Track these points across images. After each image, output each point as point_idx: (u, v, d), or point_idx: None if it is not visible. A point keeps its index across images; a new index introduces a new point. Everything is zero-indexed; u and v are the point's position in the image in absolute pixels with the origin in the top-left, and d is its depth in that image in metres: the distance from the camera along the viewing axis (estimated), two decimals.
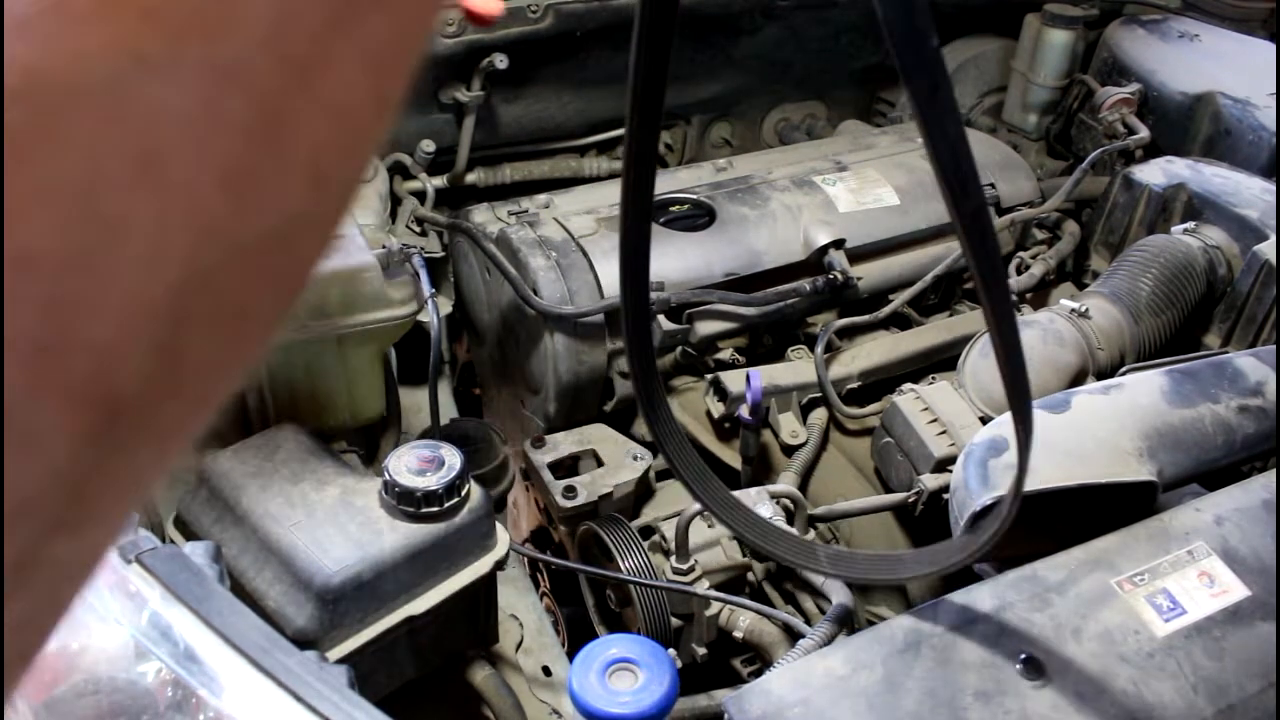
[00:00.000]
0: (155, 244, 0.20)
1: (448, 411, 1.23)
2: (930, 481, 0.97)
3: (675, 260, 1.22)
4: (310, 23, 0.21)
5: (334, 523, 0.82)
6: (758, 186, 1.33)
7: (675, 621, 0.96)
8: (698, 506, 0.97)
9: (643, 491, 1.12)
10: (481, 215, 1.28)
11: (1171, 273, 1.15)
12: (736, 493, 0.97)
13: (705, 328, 1.22)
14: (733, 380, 1.14)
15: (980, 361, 1.07)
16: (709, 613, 0.95)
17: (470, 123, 1.43)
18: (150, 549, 0.73)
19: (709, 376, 1.18)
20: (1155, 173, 1.32)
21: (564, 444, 1.11)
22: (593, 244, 1.21)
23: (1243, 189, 1.26)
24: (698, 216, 1.30)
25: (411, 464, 0.84)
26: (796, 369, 1.21)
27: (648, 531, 1.03)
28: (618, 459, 1.10)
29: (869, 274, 1.31)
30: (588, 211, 1.27)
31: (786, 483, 1.06)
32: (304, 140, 0.22)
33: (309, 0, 0.21)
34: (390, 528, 0.82)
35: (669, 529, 0.97)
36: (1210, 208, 1.25)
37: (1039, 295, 1.35)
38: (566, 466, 1.11)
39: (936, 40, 0.43)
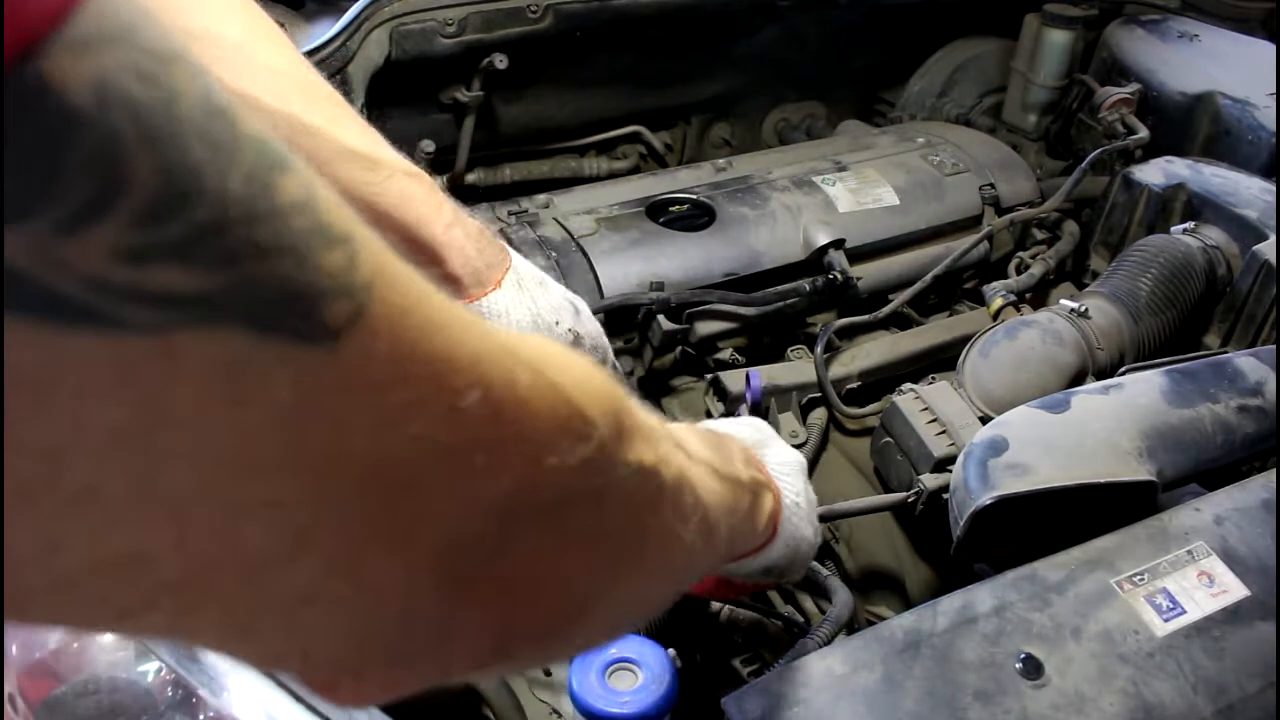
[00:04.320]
0: None
1: None
2: (930, 481, 0.97)
3: (675, 260, 1.22)
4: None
5: None
6: (757, 186, 1.33)
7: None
8: None
9: None
10: (481, 215, 1.27)
11: (1171, 272, 1.15)
12: None
13: (705, 328, 1.22)
14: (733, 380, 1.14)
15: (980, 361, 1.07)
16: (709, 612, 0.95)
17: (470, 123, 1.43)
18: None
19: (709, 376, 1.18)
20: (1155, 173, 1.32)
21: None
22: (593, 244, 1.21)
23: (1242, 189, 1.26)
24: (697, 216, 1.30)
25: None
26: (796, 369, 1.21)
27: None
28: None
29: (869, 274, 1.31)
30: (587, 211, 1.27)
31: None
32: None
33: None
34: None
35: None
36: (1210, 208, 1.25)
37: (1039, 295, 1.35)
38: None
39: None
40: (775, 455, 0.71)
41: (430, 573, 0.30)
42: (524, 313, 0.93)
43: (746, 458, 0.64)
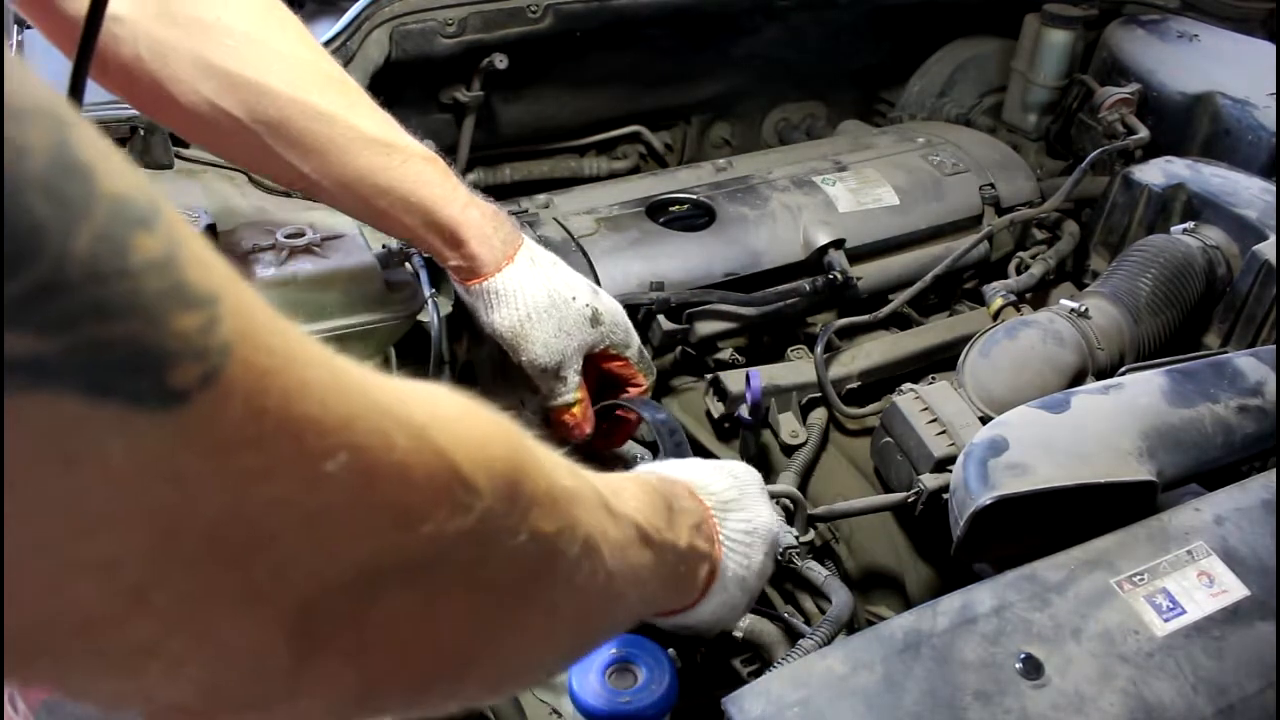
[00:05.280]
0: None
1: None
2: (930, 481, 0.97)
3: (675, 260, 1.22)
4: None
5: None
6: (757, 186, 1.33)
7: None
8: None
9: None
10: None
11: (1171, 273, 1.15)
12: None
13: (705, 328, 1.22)
14: (733, 380, 1.14)
15: (980, 361, 1.07)
16: None
17: (470, 123, 1.43)
18: None
19: (709, 376, 1.18)
20: (1155, 173, 1.32)
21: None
22: (593, 244, 1.21)
23: (1242, 189, 1.26)
24: (697, 216, 1.30)
25: None
26: (796, 369, 1.21)
27: None
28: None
29: (869, 274, 1.31)
30: (587, 211, 1.27)
31: (786, 482, 1.06)
32: None
33: None
34: None
35: None
36: (1209, 208, 1.25)
37: (1039, 295, 1.35)
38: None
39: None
40: (742, 523, 0.70)
41: (283, 629, 0.30)
42: (538, 287, 0.93)
43: (697, 524, 0.65)
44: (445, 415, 0.34)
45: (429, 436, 0.32)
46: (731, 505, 0.71)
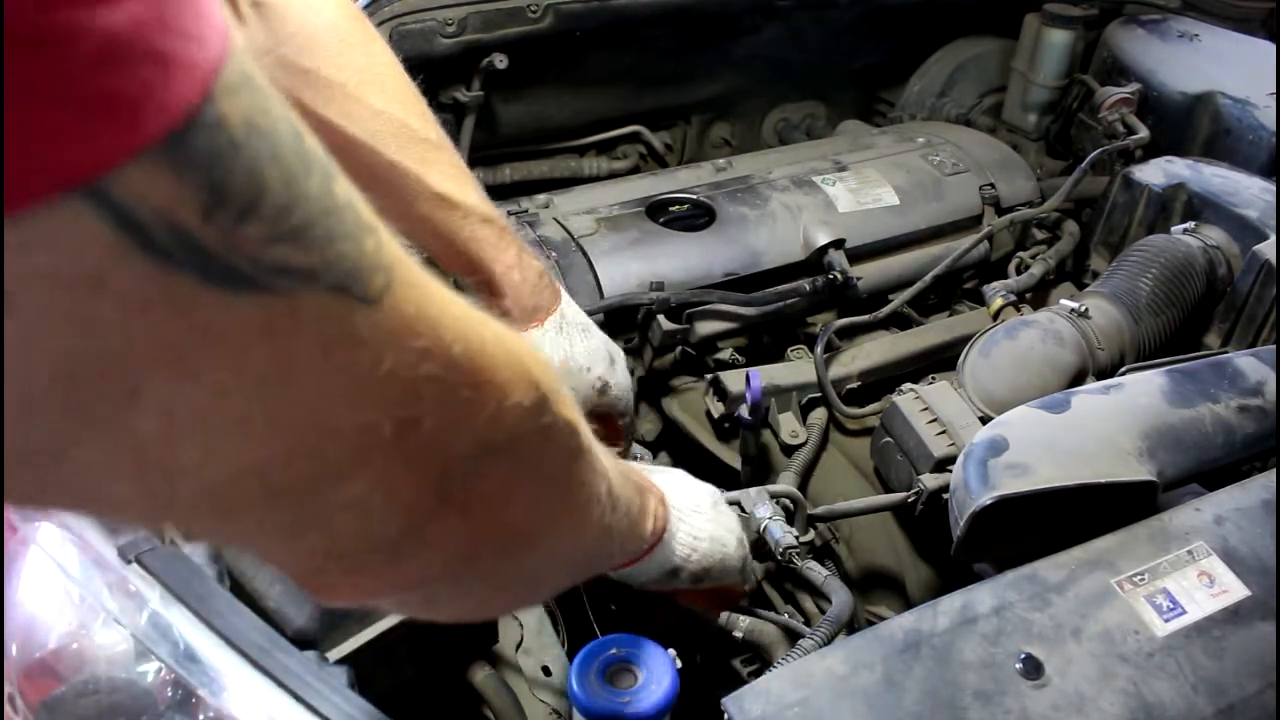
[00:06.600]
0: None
1: None
2: (930, 481, 0.97)
3: (675, 260, 1.22)
4: None
5: None
6: (757, 186, 1.33)
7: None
8: None
9: None
10: None
11: (1171, 273, 1.15)
12: (736, 493, 0.97)
13: (705, 328, 1.22)
14: (733, 380, 1.14)
15: (980, 361, 1.07)
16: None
17: (470, 123, 1.43)
18: (150, 549, 0.73)
19: (709, 376, 1.18)
20: (1155, 173, 1.32)
21: None
22: (592, 244, 1.21)
23: (1242, 189, 1.26)
24: (697, 216, 1.30)
25: None
26: (796, 369, 1.21)
27: None
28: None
29: (869, 274, 1.31)
30: (587, 211, 1.27)
31: (786, 482, 1.06)
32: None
33: None
34: None
35: None
36: (1210, 207, 1.25)
37: (1039, 295, 1.35)
38: None
39: None
40: (669, 480, 0.77)
41: (431, 487, 0.39)
42: (557, 354, 0.97)
43: (629, 469, 0.70)
44: (502, 328, 0.43)
45: (500, 336, 0.41)
46: (655, 472, 0.78)
